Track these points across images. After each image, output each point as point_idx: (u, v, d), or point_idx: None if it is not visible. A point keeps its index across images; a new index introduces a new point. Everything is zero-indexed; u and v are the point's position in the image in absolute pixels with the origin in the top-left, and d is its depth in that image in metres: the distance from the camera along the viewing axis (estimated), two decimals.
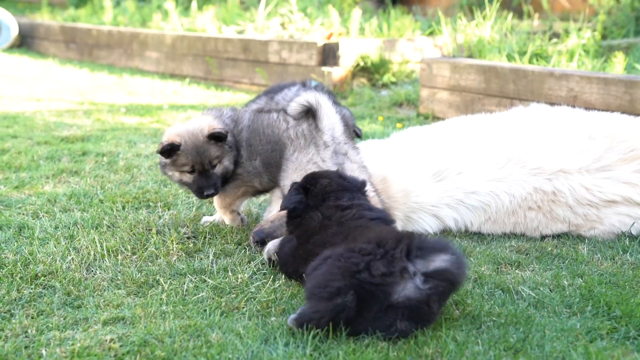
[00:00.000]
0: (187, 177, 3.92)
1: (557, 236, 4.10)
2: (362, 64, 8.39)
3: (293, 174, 3.76)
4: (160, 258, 3.68)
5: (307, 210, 3.45)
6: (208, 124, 3.92)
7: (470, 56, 7.22)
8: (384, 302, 2.85)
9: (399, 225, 4.07)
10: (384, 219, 3.41)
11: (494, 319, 3.06)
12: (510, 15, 8.28)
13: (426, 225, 4.11)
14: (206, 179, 3.88)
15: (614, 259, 3.77)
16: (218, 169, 3.92)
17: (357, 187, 3.52)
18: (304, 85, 5.42)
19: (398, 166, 4.14)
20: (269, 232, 3.79)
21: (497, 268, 3.66)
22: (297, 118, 3.84)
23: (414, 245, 2.91)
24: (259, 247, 3.80)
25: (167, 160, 3.91)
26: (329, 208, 3.40)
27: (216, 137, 3.85)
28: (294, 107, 3.82)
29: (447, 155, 4.17)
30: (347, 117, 5.26)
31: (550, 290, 3.37)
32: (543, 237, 4.09)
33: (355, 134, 5.30)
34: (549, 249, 3.91)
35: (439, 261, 2.89)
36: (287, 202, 3.49)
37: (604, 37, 8.35)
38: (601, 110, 4.94)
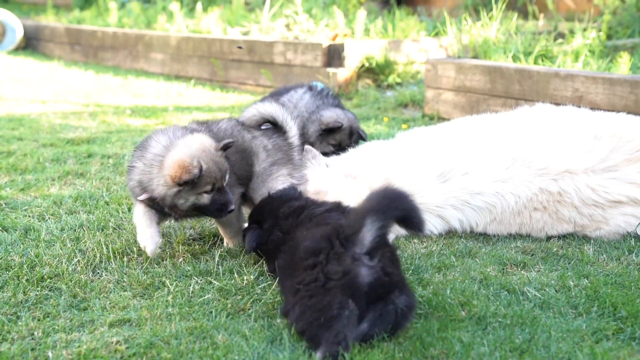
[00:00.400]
0: (205, 199, 3.56)
1: (563, 237, 4.09)
2: (367, 65, 8.38)
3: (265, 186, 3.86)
4: (166, 260, 3.69)
5: (268, 236, 3.50)
6: (206, 139, 3.63)
7: (476, 57, 7.22)
8: (365, 296, 2.86)
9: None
10: (336, 208, 3.46)
11: (500, 319, 3.06)
12: (515, 15, 8.27)
13: (431, 226, 4.10)
14: (224, 194, 3.60)
15: (619, 260, 3.76)
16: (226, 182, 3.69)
17: (293, 193, 3.63)
18: (309, 87, 5.44)
19: (402, 167, 4.13)
20: None
21: (503, 269, 3.66)
22: (252, 127, 3.90)
23: (343, 235, 2.93)
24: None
25: (182, 188, 3.52)
26: (284, 223, 3.46)
27: (229, 147, 3.64)
28: (251, 115, 3.92)
29: (452, 156, 4.16)
30: (351, 120, 5.28)
31: (556, 291, 3.36)
32: (549, 238, 4.08)
33: (359, 137, 5.31)
34: (555, 249, 3.90)
35: (367, 234, 2.89)
36: (248, 246, 3.58)
37: (609, 37, 8.34)
38: (607, 111, 4.93)
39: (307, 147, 4.30)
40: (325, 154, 4.81)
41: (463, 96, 6.82)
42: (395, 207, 2.91)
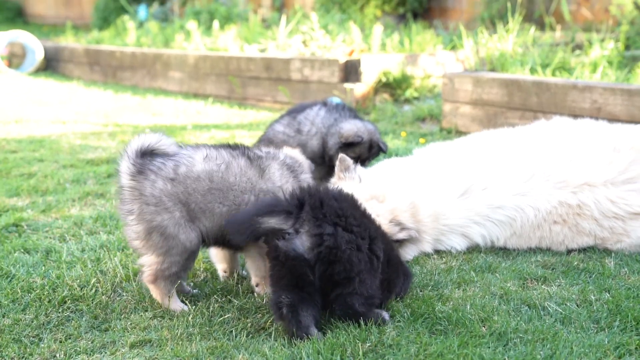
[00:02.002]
0: None
1: (583, 250, 4.06)
2: (384, 79, 8.40)
3: None
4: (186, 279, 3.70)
5: None
6: None
7: (493, 70, 7.21)
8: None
9: (428, 247, 4.07)
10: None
11: (521, 335, 3.04)
12: (532, 27, 8.26)
13: (455, 244, 4.09)
14: None
15: None
16: None
17: None
18: (324, 104, 5.46)
19: (425, 189, 4.11)
20: None
21: (523, 284, 3.64)
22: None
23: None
24: None
25: None
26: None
27: None
28: None
29: (472, 172, 4.15)
30: (371, 132, 5.27)
31: (577, 306, 3.34)
32: (569, 251, 4.06)
33: (379, 149, 5.30)
34: (575, 263, 3.88)
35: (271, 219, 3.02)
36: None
37: (627, 47, 8.30)
38: (626, 122, 4.90)
39: (341, 156, 4.23)
40: None
41: (480, 109, 6.81)
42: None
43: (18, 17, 23.02)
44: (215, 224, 3.30)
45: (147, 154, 3.30)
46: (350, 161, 4.20)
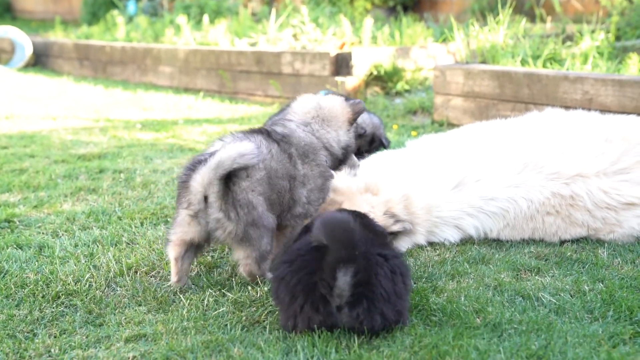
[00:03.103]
0: None
1: (576, 241, 4.08)
2: (375, 72, 8.39)
3: None
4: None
5: None
6: None
7: (484, 62, 7.21)
8: None
9: (422, 239, 4.07)
10: None
11: (515, 326, 3.05)
12: (523, 19, 8.27)
13: (448, 236, 4.10)
14: None
15: (634, 263, 3.75)
16: None
17: None
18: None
19: (417, 181, 4.11)
20: None
21: (517, 275, 3.65)
22: None
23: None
24: None
25: None
26: None
27: None
28: None
29: (465, 164, 4.15)
30: (375, 126, 5.25)
31: (571, 296, 3.35)
32: (562, 242, 4.07)
33: (381, 144, 5.27)
34: (569, 254, 3.89)
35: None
36: None
37: (617, 38, 8.30)
38: (617, 113, 4.91)
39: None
40: None
41: (472, 102, 6.81)
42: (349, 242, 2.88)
43: (6, 13, 22.87)
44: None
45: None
46: (355, 160, 4.15)
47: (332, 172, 3.84)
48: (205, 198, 3.33)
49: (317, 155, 3.72)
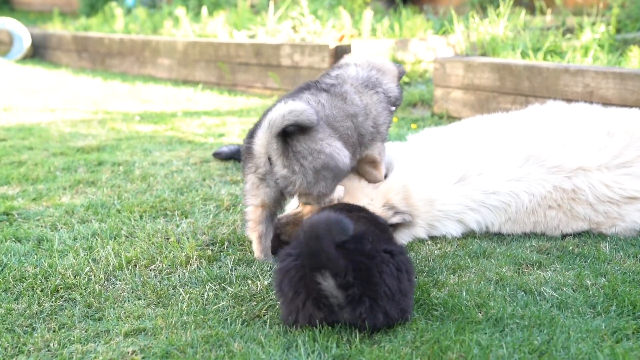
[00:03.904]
0: None
1: (578, 235, 4.05)
2: None
3: None
4: (180, 267, 3.68)
5: None
6: None
7: (484, 54, 7.18)
8: None
9: (422, 233, 4.05)
10: None
11: (517, 321, 3.04)
12: (523, 11, 8.24)
13: (451, 230, 4.07)
14: None
15: (637, 257, 3.73)
16: None
17: None
18: None
19: (418, 173, 4.09)
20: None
21: (519, 269, 3.63)
22: None
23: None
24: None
25: None
26: None
27: None
28: None
29: (466, 157, 4.13)
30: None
31: (574, 291, 3.33)
32: (564, 236, 4.05)
33: None
34: (570, 247, 3.87)
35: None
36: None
37: (618, 30, 8.28)
38: (618, 106, 4.89)
39: None
40: None
41: (472, 94, 6.79)
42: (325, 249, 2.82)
43: (5, 5, 22.81)
44: None
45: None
46: None
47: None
48: (269, 159, 3.48)
49: (375, 86, 3.89)
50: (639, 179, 3.99)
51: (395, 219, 3.90)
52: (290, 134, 3.44)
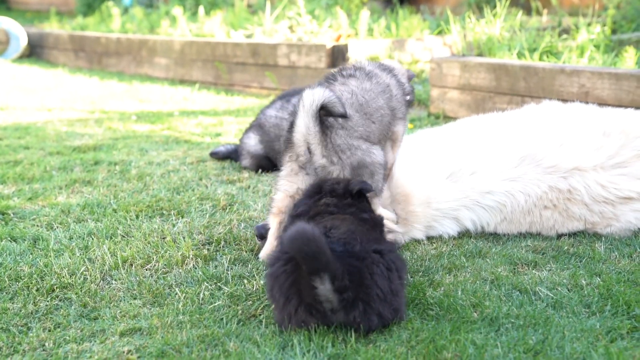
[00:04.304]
0: None
1: (574, 234, 4.06)
2: None
3: None
4: (176, 266, 3.68)
5: None
6: None
7: (480, 54, 7.19)
8: None
9: (420, 234, 4.05)
10: None
11: (513, 320, 3.04)
12: (519, 12, 8.24)
13: (448, 229, 4.08)
14: None
15: (631, 257, 3.74)
16: None
17: None
18: None
19: (415, 176, 4.09)
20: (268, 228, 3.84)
21: (514, 269, 3.63)
22: None
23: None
24: (258, 241, 3.88)
25: None
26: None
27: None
28: None
29: (462, 157, 4.14)
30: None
31: (569, 290, 3.34)
32: (559, 236, 4.05)
33: None
34: (566, 247, 3.88)
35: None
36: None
37: (613, 31, 8.29)
38: (613, 106, 4.90)
39: None
40: None
41: (469, 94, 6.79)
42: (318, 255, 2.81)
43: (1, 4, 22.78)
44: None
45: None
46: None
47: None
48: (309, 148, 3.56)
49: (391, 71, 4.06)
50: (634, 179, 4.00)
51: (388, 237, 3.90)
52: (330, 127, 3.56)
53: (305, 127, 3.52)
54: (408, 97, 4.11)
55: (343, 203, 3.42)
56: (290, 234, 2.83)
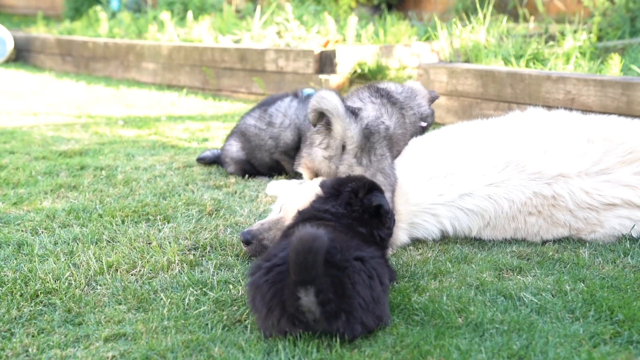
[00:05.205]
0: None
1: (558, 240, 4.08)
2: (359, 70, 8.38)
3: None
4: (161, 272, 3.67)
5: None
6: None
7: (467, 61, 7.22)
8: None
9: (405, 234, 4.05)
10: None
11: (497, 326, 3.05)
12: (506, 18, 8.29)
13: (429, 225, 4.07)
14: None
15: (615, 263, 3.76)
16: None
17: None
18: (295, 95, 5.44)
19: (399, 175, 4.12)
20: (255, 233, 3.86)
21: (499, 274, 3.65)
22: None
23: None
24: (244, 247, 3.89)
25: None
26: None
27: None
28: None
29: (446, 161, 4.14)
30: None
31: (553, 296, 3.35)
32: (544, 242, 4.07)
33: None
34: (550, 253, 3.89)
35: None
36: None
37: (599, 38, 8.35)
38: (599, 113, 4.93)
39: None
40: None
41: (456, 100, 6.82)
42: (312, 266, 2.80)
43: None
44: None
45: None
46: None
47: None
48: (344, 147, 3.90)
49: (411, 101, 4.61)
50: (618, 185, 4.02)
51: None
52: (375, 134, 3.96)
53: (344, 128, 3.86)
54: (424, 124, 4.52)
55: (346, 215, 3.41)
56: (302, 236, 2.80)
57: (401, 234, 4.04)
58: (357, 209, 3.39)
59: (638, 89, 5.39)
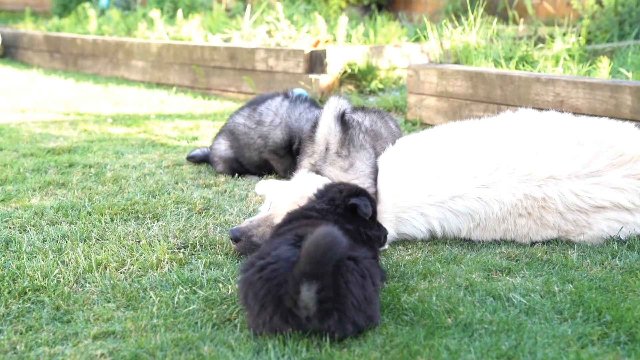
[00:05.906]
0: None
1: (547, 242, 4.09)
2: (349, 71, 8.39)
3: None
4: (150, 270, 3.66)
5: None
6: None
7: (457, 62, 7.23)
8: None
9: (392, 228, 4.06)
10: None
11: (486, 326, 3.06)
12: (496, 20, 8.31)
13: (417, 223, 4.09)
14: None
15: (603, 264, 3.78)
16: None
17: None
18: (286, 95, 5.44)
19: (387, 179, 4.14)
20: (244, 230, 3.86)
21: (488, 275, 3.66)
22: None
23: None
24: (233, 244, 3.89)
25: None
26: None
27: None
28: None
29: (436, 162, 4.15)
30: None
31: (541, 297, 3.37)
32: (533, 243, 4.09)
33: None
34: (539, 254, 3.91)
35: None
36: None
37: (588, 41, 8.39)
38: (587, 115, 4.95)
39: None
40: None
41: (445, 102, 6.83)
42: (325, 263, 2.81)
43: None
44: None
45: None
46: None
47: None
48: (327, 148, 4.26)
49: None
50: (608, 188, 4.03)
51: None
52: (352, 128, 4.32)
53: (327, 126, 4.26)
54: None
55: (331, 211, 3.43)
56: (327, 233, 2.80)
57: (388, 227, 4.04)
58: (340, 203, 3.45)
59: (626, 92, 5.42)
